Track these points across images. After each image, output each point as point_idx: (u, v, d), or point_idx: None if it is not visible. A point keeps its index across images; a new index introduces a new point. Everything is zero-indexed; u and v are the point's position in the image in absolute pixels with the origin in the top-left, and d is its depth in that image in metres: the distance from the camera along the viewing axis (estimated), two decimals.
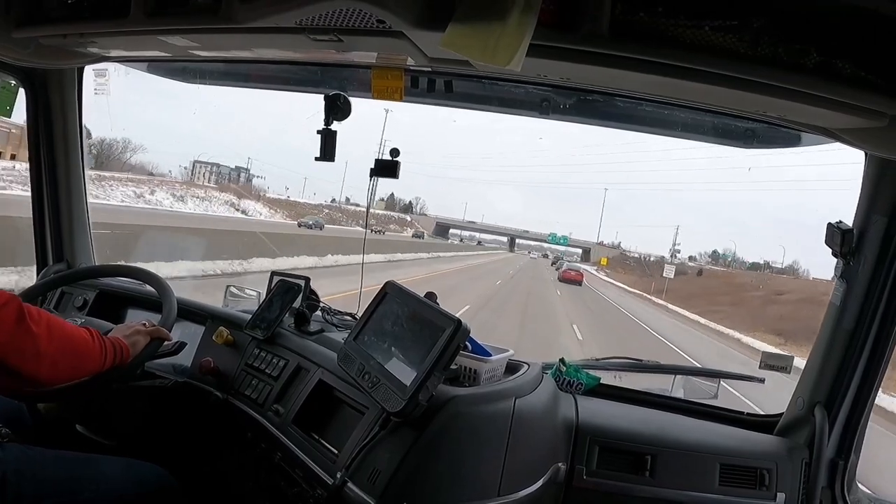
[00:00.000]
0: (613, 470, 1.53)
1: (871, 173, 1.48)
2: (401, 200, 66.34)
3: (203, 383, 1.75)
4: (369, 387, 1.28)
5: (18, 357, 1.21)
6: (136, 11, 1.35)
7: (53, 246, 2.18)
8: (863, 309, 1.52)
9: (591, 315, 19.78)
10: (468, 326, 1.23)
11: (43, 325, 1.24)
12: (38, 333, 1.22)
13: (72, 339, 1.33)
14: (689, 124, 1.69)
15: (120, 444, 1.70)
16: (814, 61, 1.08)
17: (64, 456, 1.41)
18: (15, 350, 1.20)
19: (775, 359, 1.82)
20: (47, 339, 1.24)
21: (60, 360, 1.28)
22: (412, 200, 70.34)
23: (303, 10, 1.18)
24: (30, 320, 1.22)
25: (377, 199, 30.80)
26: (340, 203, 52.39)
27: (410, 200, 65.46)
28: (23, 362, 1.22)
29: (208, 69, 1.99)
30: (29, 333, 1.21)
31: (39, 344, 1.23)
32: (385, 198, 61.36)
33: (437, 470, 1.23)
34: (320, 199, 52.76)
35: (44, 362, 1.24)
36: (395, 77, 1.59)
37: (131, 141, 33.20)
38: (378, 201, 53.87)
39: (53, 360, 1.26)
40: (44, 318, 1.26)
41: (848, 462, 1.60)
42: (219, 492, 1.77)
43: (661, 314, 25.63)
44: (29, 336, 1.21)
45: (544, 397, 1.49)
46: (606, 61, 1.15)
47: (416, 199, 72.17)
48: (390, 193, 64.09)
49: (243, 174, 46.39)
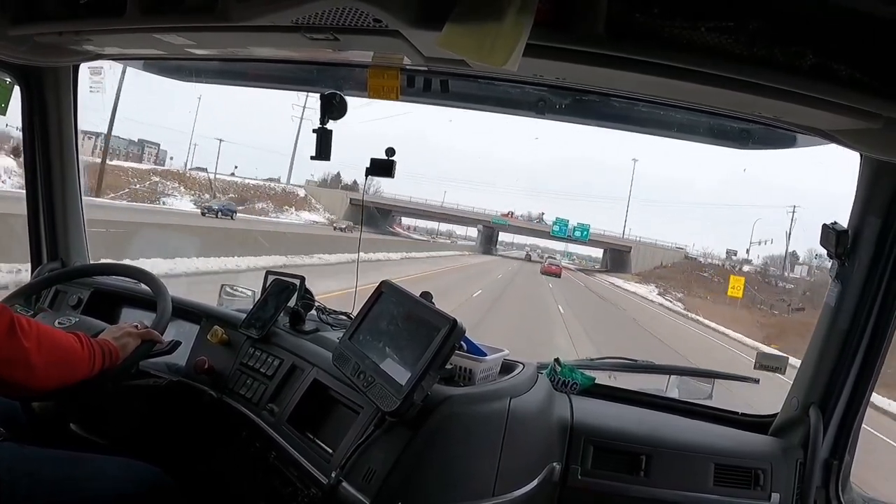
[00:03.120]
0: (608, 470, 1.54)
1: (866, 175, 1.48)
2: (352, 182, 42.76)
3: (198, 382, 1.74)
4: (364, 386, 1.28)
5: (9, 369, 1.22)
6: (131, 9, 1.34)
7: (48, 244, 2.17)
8: (857, 310, 1.53)
9: None
10: (463, 326, 1.23)
11: (33, 336, 1.25)
12: (29, 347, 1.23)
13: (61, 347, 1.33)
14: (684, 125, 1.69)
15: (114, 443, 1.69)
16: (809, 63, 1.08)
17: (58, 455, 1.40)
18: (5, 361, 1.21)
19: (770, 359, 1.82)
20: (37, 351, 1.25)
21: (50, 370, 1.29)
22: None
23: (299, 9, 1.18)
24: (20, 332, 1.22)
25: (317, 180, 27.76)
26: (274, 183, 41.32)
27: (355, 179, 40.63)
28: (13, 373, 1.23)
29: (204, 67, 1.99)
30: (20, 346, 1.22)
31: (30, 356, 1.23)
32: (328, 178, 43.04)
33: (431, 470, 1.23)
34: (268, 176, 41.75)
35: (34, 373, 1.26)
36: (391, 76, 1.59)
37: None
38: (311, 181, 42.22)
39: (44, 371, 1.27)
40: (34, 328, 1.26)
41: (842, 462, 1.61)
42: (213, 491, 1.76)
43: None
44: (20, 348, 1.22)
45: (539, 397, 1.49)
46: (602, 61, 1.15)
47: (372, 182, 40.51)
48: (336, 172, 42.68)
49: (150, 149, 38.97)
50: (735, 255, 39.57)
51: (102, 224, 9.83)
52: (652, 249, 40.60)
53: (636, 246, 40.90)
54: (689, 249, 41.49)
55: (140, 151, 38.75)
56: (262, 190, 40.33)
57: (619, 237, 42.26)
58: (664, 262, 39.26)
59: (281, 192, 41.01)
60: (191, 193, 34.03)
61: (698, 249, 42.13)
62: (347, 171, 39.86)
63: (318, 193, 41.95)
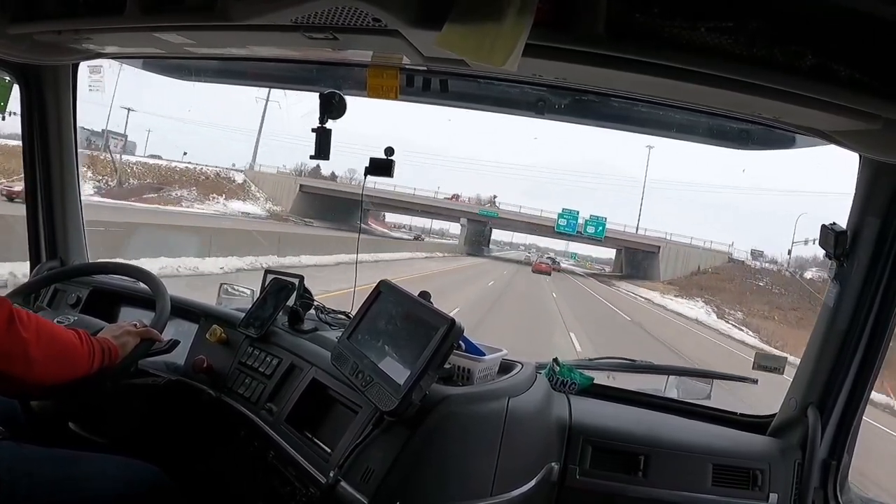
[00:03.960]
0: (607, 470, 1.54)
1: (865, 175, 1.48)
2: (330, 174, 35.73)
3: (196, 381, 1.74)
4: (363, 386, 1.28)
5: (7, 362, 1.22)
6: (131, 8, 1.34)
7: (47, 243, 2.17)
8: (856, 311, 1.53)
9: None
10: (462, 326, 1.23)
11: (32, 329, 1.25)
12: (28, 339, 1.23)
13: (61, 342, 1.33)
14: (684, 125, 1.69)
15: (113, 442, 1.69)
16: (809, 63, 1.08)
17: (57, 454, 1.40)
18: (4, 354, 1.21)
19: (768, 359, 1.82)
20: (36, 344, 1.25)
21: (49, 364, 1.29)
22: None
23: (299, 8, 1.18)
24: (20, 325, 1.22)
25: (290, 170, 23.22)
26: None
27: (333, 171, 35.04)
28: (12, 367, 1.23)
29: (204, 66, 1.99)
30: (19, 338, 1.22)
31: (29, 349, 1.23)
32: (303, 168, 35.08)
33: (430, 469, 1.23)
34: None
35: (33, 367, 1.25)
36: (390, 76, 1.59)
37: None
38: (282, 171, 35.23)
39: (42, 365, 1.27)
40: (33, 321, 1.26)
41: (840, 463, 1.61)
42: (212, 490, 1.76)
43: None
44: (19, 341, 1.22)
45: (538, 397, 1.49)
46: (602, 61, 1.15)
47: (351, 172, 33.55)
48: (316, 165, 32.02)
49: (115, 139, 32.61)
50: (762, 256, 32.46)
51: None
52: (686, 250, 31.93)
53: (666, 245, 31.59)
54: (731, 249, 32.11)
55: (105, 142, 34.55)
56: (191, 175, 33.65)
57: (642, 234, 32.60)
58: (702, 267, 31.07)
59: (213, 177, 34.43)
60: (96, 179, 29.45)
61: (738, 249, 32.54)
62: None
63: (261, 179, 35.58)
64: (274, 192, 34.10)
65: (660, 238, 32.14)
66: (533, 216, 31.03)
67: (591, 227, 27.88)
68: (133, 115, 34.76)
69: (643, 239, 32.36)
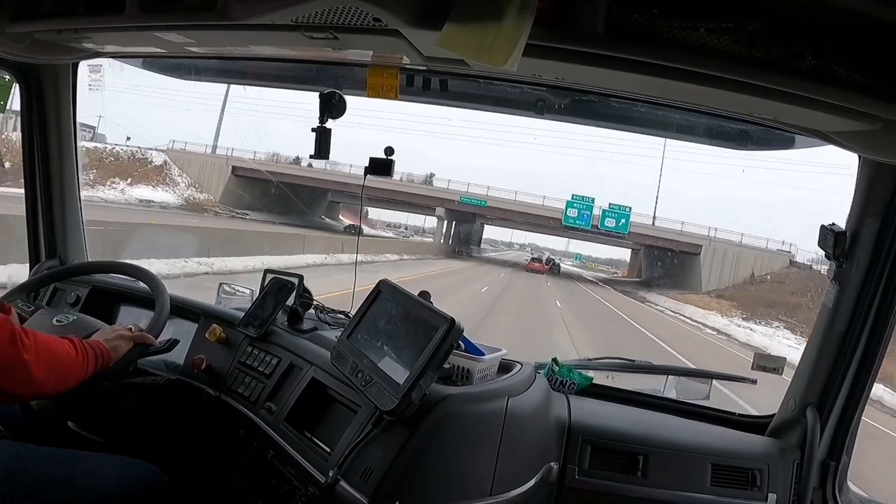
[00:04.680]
0: (605, 470, 1.54)
1: (865, 176, 1.48)
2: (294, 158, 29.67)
3: (195, 380, 1.74)
4: (362, 385, 1.28)
5: (10, 380, 1.22)
6: (131, 7, 1.34)
7: (46, 242, 2.17)
8: (855, 311, 1.53)
9: None
10: (462, 326, 1.23)
11: (33, 348, 1.25)
12: (29, 360, 1.23)
13: (58, 356, 1.33)
14: (683, 125, 1.70)
15: (112, 442, 1.69)
16: (808, 64, 1.08)
17: (56, 454, 1.40)
18: (9, 375, 1.21)
19: (767, 360, 1.82)
20: (36, 362, 1.25)
21: (48, 378, 1.29)
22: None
23: (299, 8, 1.18)
24: (21, 345, 1.22)
25: (265, 157, 19.56)
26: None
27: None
28: (15, 386, 1.23)
29: (204, 66, 1.99)
30: (21, 359, 1.22)
31: (30, 367, 1.24)
32: (277, 156, 29.42)
33: (429, 469, 1.23)
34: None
35: (33, 384, 1.26)
36: (390, 76, 1.59)
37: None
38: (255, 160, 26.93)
39: (42, 380, 1.27)
40: (32, 339, 1.26)
41: (839, 463, 1.61)
42: (211, 489, 1.76)
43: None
44: (20, 361, 1.22)
45: (537, 397, 1.49)
46: (601, 62, 1.16)
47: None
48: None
49: (83, 132, 25.90)
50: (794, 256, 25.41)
51: None
52: (735, 252, 24.40)
53: (709, 245, 24.16)
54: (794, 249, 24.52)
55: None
56: (95, 155, 26.56)
57: (677, 231, 24.38)
58: (757, 274, 23.95)
59: (127, 158, 28.10)
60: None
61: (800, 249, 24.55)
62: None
63: (184, 160, 29.01)
64: (200, 176, 28.34)
65: (701, 235, 24.57)
66: (533, 205, 24.93)
67: (610, 218, 20.05)
68: (120, 107, 31.79)
69: (680, 237, 24.37)
